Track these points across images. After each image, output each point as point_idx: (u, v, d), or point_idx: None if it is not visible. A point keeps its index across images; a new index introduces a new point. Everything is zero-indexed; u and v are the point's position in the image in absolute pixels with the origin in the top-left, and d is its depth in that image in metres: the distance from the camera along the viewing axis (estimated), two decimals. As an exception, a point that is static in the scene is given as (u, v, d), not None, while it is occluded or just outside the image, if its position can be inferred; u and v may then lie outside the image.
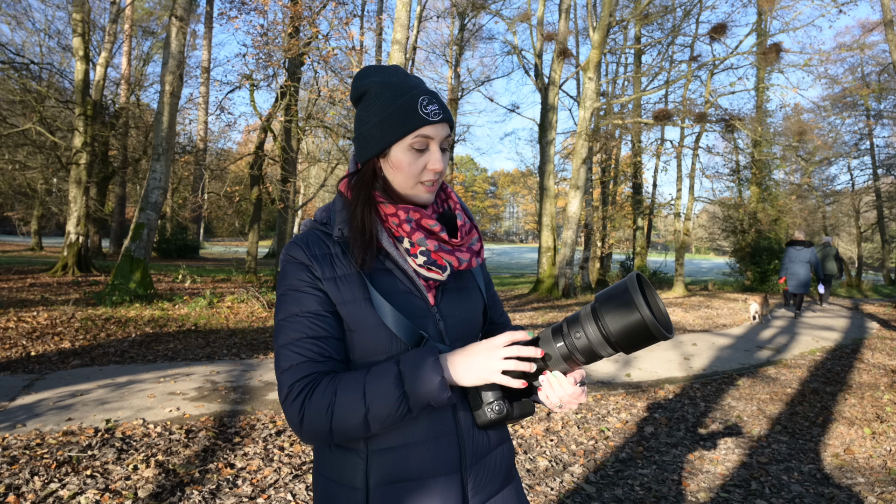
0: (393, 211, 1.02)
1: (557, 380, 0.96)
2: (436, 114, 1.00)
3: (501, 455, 1.10)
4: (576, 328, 0.92)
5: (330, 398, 0.90)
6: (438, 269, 1.03)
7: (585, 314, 0.91)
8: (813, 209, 23.22)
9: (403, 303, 1.00)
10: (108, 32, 16.47)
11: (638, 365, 6.30)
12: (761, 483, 3.30)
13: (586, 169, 14.91)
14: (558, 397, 0.96)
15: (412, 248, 1.02)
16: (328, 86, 12.71)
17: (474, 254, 1.09)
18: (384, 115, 1.00)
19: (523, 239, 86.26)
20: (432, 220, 1.03)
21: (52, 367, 5.26)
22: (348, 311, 0.98)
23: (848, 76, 23.13)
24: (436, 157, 1.01)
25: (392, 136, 0.99)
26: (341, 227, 1.02)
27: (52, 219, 26.34)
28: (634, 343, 0.88)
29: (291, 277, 1.00)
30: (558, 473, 3.35)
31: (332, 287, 0.98)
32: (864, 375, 6.11)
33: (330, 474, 1.01)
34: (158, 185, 10.02)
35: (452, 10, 22.16)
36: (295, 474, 3.15)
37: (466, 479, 1.02)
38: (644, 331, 0.86)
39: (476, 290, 1.15)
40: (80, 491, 2.80)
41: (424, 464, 0.98)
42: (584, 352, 0.91)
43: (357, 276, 0.99)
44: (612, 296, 0.89)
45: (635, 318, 0.85)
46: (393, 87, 1.01)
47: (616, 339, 0.88)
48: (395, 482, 0.97)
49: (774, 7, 16.05)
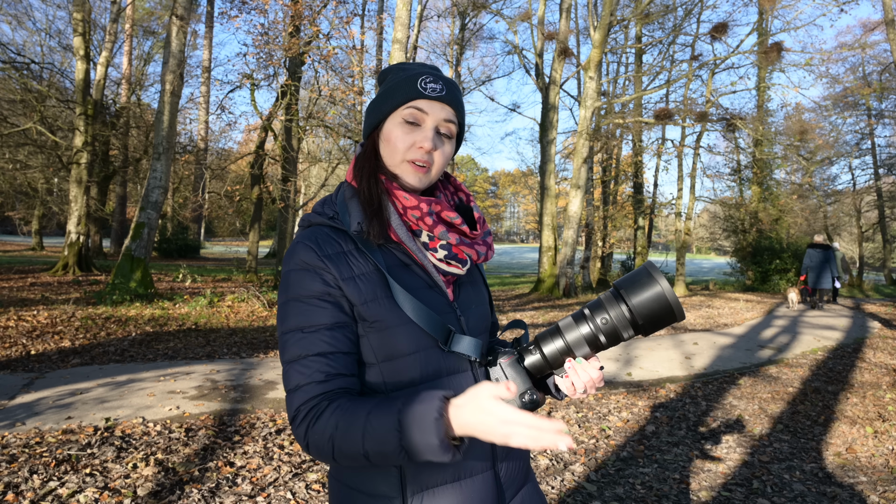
0: (414, 203, 0.97)
1: (583, 366, 0.96)
2: (434, 91, 0.97)
3: (521, 450, 1.08)
4: (600, 311, 0.95)
5: (332, 432, 0.84)
6: (458, 263, 1.00)
7: (608, 298, 0.95)
8: (814, 209, 23.17)
9: (425, 298, 0.96)
10: (109, 32, 16.47)
11: (639, 364, 6.28)
12: (763, 482, 3.28)
13: (587, 168, 14.90)
14: (583, 383, 0.96)
15: (431, 241, 0.98)
16: (329, 85, 12.70)
17: (489, 246, 1.07)
18: (385, 89, 1.00)
19: (524, 239, 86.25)
20: (453, 212, 1.00)
21: (52, 365, 5.25)
22: (371, 311, 0.92)
23: (849, 75, 23.12)
24: (426, 134, 0.97)
25: (387, 108, 0.99)
26: (359, 221, 0.97)
27: (53, 218, 26.35)
28: (656, 322, 0.92)
29: (297, 287, 0.92)
30: (559, 472, 3.34)
31: (353, 287, 0.92)
32: (866, 374, 6.09)
33: (358, 485, 0.95)
34: (159, 185, 10.01)
35: (453, 9, 22.15)
36: (295, 473, 3.14)
37: (500, 473, 1.01)
38: (667, 309, 0.90)
39: (482, 284, 1.13)
40: (80, 489, 2.79)
41: (461, 463, 0.95)
42: (608, 333, 0.94)
43: (376, 274, 0.94)
44: (633, 279, 0.94)
45: (660, 296, 0.90)
46: (405, 69, 1.01)
47: (639, 319, 0.92)
48: (433, 486, 0.93)
49: (775, 6, 16.03)
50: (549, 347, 0.98)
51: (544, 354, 0.98)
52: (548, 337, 0.98)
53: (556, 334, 0.98)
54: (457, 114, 1.01)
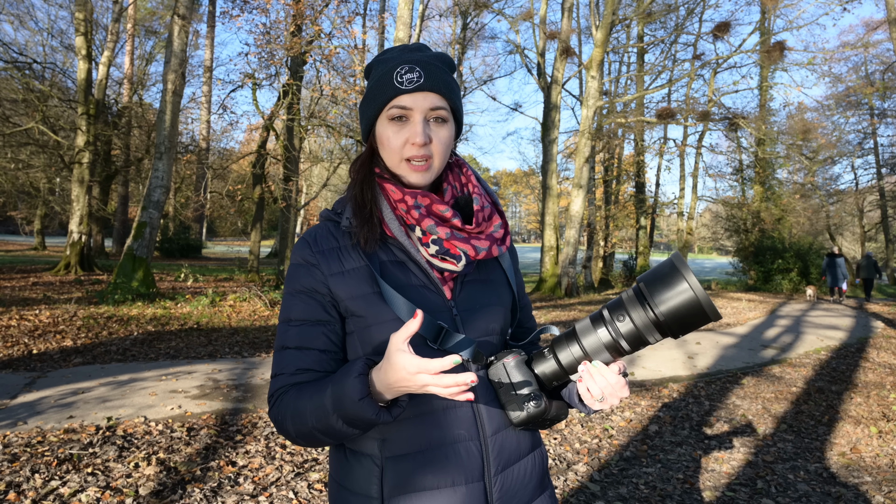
0: (400, 196, 0.95)
1: (599, 370, 0.87)
2: (412, 82, 0.91)
3: (533, 463, 1.00)
4: (619, 313, 0.84)
5: (286, 410, 0.89)
6: (452, 259, 0.94)
7: (629, 298, 0.84)
8: (816, 208, 23.13)
9: (416, 296, 0.93)
10: (111, 32, 16.47)
11: (642, 364, 6.27)
12: (767, 482, 3.26)
13: (589, 168, 14.88)
14: (600, 389, 0.87)
15: (424, 236, 0.94)
16: (330, 84, 12.69)
17: (495, 241, 0.99)
18: (368, 90, 0.97)
19: (526, 238, 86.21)
20: (444, 205, 0.94)
21: (53, 365, 5.25)
22: (359, 306, 0.92)
23: (852, 75, 23.07)
24: (416, 129, 0.92)
25: (371, 111, 0.96)
26: (348, 215, 0.97)
27: (55, 218, 26.37)
28: (686, 324, 0.80)
29: (293, 280, 0.96)
30: (562, 472, 3.32)
31: (339, 282, 0.93)
32: (870, 374, 6.07)
33: (344, 482, 0.95)
34: (161, 184, 10.02)
35: (455, 8, 22.13)
36: (297, 472, 3.13)
37: (491, 488, 0.93)
38: (697, 310, 0.78)
39: (503, 284, 1.05)
40: (81, 488, 2.78)
41: (442, 471, 0.90)
42: (630, 338, 0.84)
43: (367, 269, 0.93)
44: (658, 275, 0.81)
45: (687, 296, 0.78)
46: (384, 62, 0.96)
47: (666, 321, 0.80)
48: (410, 492, 0.90)
49: (778, 5, 15.99)
50: (564, 353, 0.89)
51: (559, 360, 0.90)
52: (563, 341, 0.90)
53: (571, 338, 0.89)
54: (443, 97, 0.94)
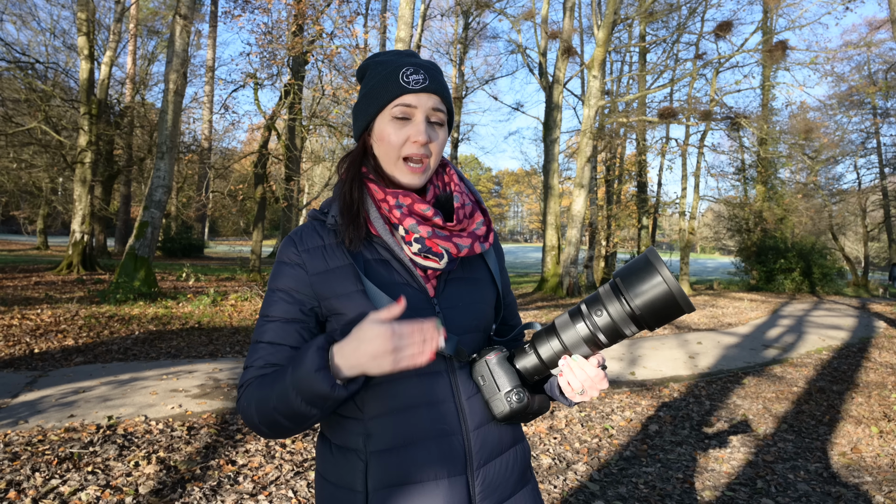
0: (383, 196, 0.98)
1: (578, 363, 0.90)
2: (418, 83, 0.95)
3: (515, 456, 1.02)
4: (596, 307, 0.86)
5: (252, 398, 0.92)
6: (435, 257, 0.96)
7: (606, 292, 0.86)
8: (819, 208, 23.05)
9: (399, 295, 0.94)
10: (113, 32, 16.50)
11: (643, 363, 6.26)
12: (767, 482, 3.26)
13: (591, 168, 14.86)
14: (580, 382, 0.90)
15: (406, 235, 0.96)
16: (332, 84, 12.70)
17: (477, 239, 1.00)
18: (368, 89, 0.99)
19: (528, 238, 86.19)
20: (425, 204, 0.96)
21: (55, 364, 5.26)
22: (342, 304, 0.93)
23: (854, 74, 22.97)
24: (419, 128, 0.95)
25: (374, 108, 0.98)
26: (334, 213, 0.99)
27: (58, 218, 26.47)
28: (661, 316, 0.83)
29: (275, 278, 0.98)
30: (562, 471, 3.32)
31: (324, 281, 0.94)
32: (872, 374, 6.05)
33: (330, 476, 0.97)
34: (162, 184, 10.03)
35: (456, 8, 22.13)
36: (296, 471, 3.13)
37: (473, 482, 0.95)
38: (671, 302, 0.81)
39: (487, 282, 1.07)
40: (81, 487, 2.79)
41: (426, 466, 0.92)
42: (607, 331, 0.86)
43: (351, 268, 0.95)
44: (632, 270, 0.84)
45: (661, 289, 0.80)
46: (383, 63, 1.00)
47: (641, 314, 0.83)
48: (394, 485, 0.92)
49: (780, 4, 15.96)
50: (544, 347, 0.92)
51: (539, 355, 0.92)
52: (543, 336, 0.93)
53: (551, 333, 0.92)
54: (443, 100, 0.99)
